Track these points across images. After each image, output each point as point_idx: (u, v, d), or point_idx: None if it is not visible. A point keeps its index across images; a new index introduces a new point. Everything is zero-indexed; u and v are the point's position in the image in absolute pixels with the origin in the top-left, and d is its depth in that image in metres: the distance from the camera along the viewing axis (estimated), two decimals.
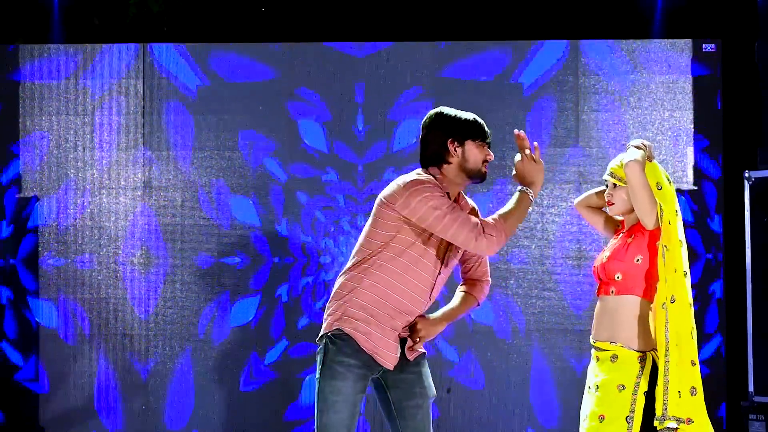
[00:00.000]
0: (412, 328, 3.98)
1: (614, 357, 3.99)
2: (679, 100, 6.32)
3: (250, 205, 6.27)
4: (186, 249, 6.27)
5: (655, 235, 3.97)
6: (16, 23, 6.25)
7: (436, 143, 4.00)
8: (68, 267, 6.23)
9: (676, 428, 3.90)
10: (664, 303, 3.92)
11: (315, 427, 3.94)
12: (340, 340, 3.93)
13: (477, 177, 4.02)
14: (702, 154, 6.32)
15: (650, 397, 3.96)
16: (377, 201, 3.91)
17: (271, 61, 6.28)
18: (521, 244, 6.27)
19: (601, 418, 3.95)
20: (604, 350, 4.01)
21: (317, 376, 3.95)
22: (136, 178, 6.27)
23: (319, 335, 3.97)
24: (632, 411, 3.94)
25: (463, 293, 4.20)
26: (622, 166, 4.04)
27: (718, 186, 6.32)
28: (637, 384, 3.96)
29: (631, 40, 6.32)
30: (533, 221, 6.26)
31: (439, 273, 3.99)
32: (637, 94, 6.32)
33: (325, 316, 4.00)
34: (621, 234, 4.13)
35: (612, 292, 4.02)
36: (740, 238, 5.88)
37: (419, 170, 3.98)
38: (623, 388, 3.94)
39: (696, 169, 6.32)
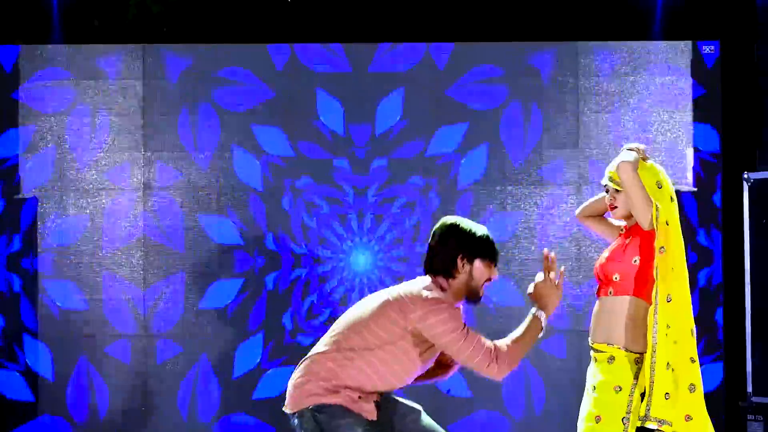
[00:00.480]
0: None
1: (611, 359, 3.98)
2: (678, 102, 6.31)
3: (248, 206, 6.27)
4: (187, 250, 6.25)
5: (652, 235, 3.95)
6: (16, 24, 6.20)
7: (447, 256, 3.92)
8: (67, 269, 6.22)
9: (657, 429, 3.90)
10: (657, 303, 3.90)
11: None
12: (328, 408, 3.83)
13: (474, 297, 3.96)
14: (701, 155, 6.31)
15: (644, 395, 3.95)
16: (385, 299, 3.84)
17: (270, 66, 6.27)
18: (521, 245, 6.27)
19: (598, 419, 3.94)
20: (602, 351, 4.00)
21: None
22: (135, 180, 6.25)
23: (294, 410, 3.85)
24: (628, 412, 3.94)
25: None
26: (614, 172, 4.02)
27: (717, 187, 6.31)
28: (634, 385, 3.95)
29: (631, 42, 6.31)
30: (534, 222, 6.26)
31: (426, 365, 3.98)
32: (636, 96, 6.31)
33: (297, 390, 3.87)
34: (620, 235, 4.12)
35: (610, 293, 4.01)
36: (739, 239, 5.88)
37: (428, 281, 3.90)
38: (620, 390, 3.93)
39: (695, 170, 6.31)
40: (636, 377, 3.95)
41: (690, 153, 6.30)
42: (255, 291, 6.26)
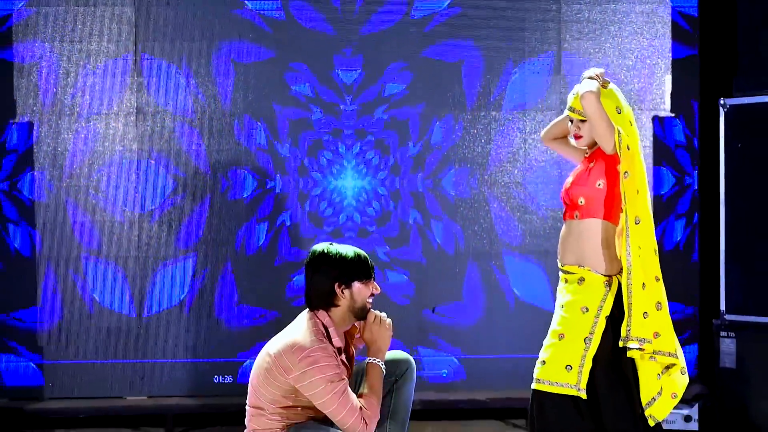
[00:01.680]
0: None
1: (581, 280, 4.00)
2: (657, 30, 6.29)
3: (240, 130, 6.23)
4: (178, 172, 6.22)
5: (615, 159, 3.96)
6: None
7: (324, 287, 3.87)
8: (63, 191, 6.19)
9: (641, 348, 3.93)
10: (628, 225, 3.91)
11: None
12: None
13: (362, 316, 3.93)
14: (679, 81, 6.30)
15: (611, 320, 3.97)
16: (267, 360, 3.81)
17: None
18: (504, 169, 6.28)
19: (561, 337, 3.97)
20: (572, 273, 4.02)
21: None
22: (128, 104, 6.20)
23: None
24: (591, 333, 3.96)
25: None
26: (576, 100, 4.05)
27: (694, 113, 6.32)
28: (601, 307, 3.97)
29: None
30: (516, 147, 6.26)
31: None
32: (617, 24, 6.28)
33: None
34: (584, 160, 4.13)
35: (576, 216, 4.02)
36: (715, 162, 5.89)
37: (307, 323, 3.85)
38: (586, 311, 3.96)
39: (673, 96, 6.31)
40: (604, 300, 3.96)
41: (668, 80, 6.29)
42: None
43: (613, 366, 4.01)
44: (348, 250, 3.90)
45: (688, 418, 5.95)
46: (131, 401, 6.22)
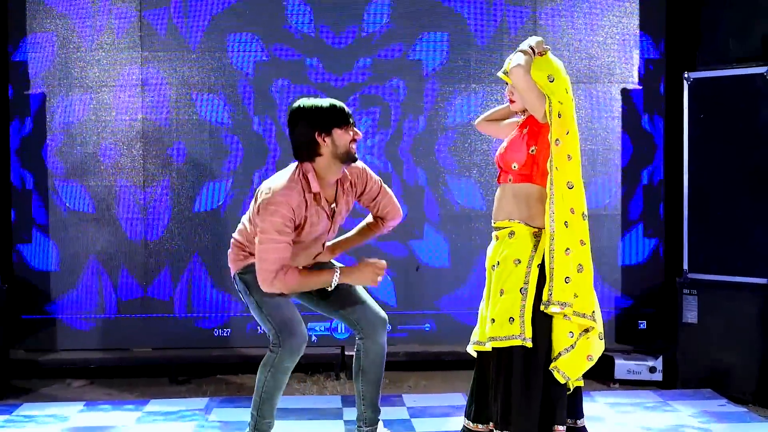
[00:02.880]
0: None
1: (511, 233, 3.98)
2: (626, 7, 6.37)
3: (238, 102, 6.31)
4: (180, 141, 6.30)
5: (548, 126, 3.92)
6: None
7: (305, 137, 4.05)
8: (75, 158, 6.28)
9: (561, 312, 3.89)
10: (553, 192, 3.86)
11: (271, 328, 4.16)
12: (247, 268, 4.20)
13: (348, 159, 4.10)
14: (647, 55, 6.37)
15: (542, 267, 3.92)
16: (256, 195, 4.12)
17: None
18: (483, 138, 6.33)
19: (501, 292, 3.93)
20: (503, 228, 4.00)
21: (251, 298, 4.21)
22: (134, 77, 6.29)
23: (233, 275, 4.29)
24: (526, 283, 3.90)
25: (365, 224, 4.49)
26: (506, 75, 4.02)
27: (661, 85, 6.39)
28: (532, 257, 3.93)
29: None
30: None
31: (329, 231, 4.25)
32: (588, 2, 6.36)
33: (229, 261, 4.30)
34: (519, 126, 4.10)
35: (510, 180, 4.00)
36: (680, 131, 5.98)
37: (291, 171, 4.11)
38: (519, 262, 3.92)
39: (641, 70, 6.38)
40: (534, 249, 3.92)
41: (636, 54, 6.36)
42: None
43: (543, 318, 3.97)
44: (323, 101, 4.06)
45: (652, 369, 6.05)
46: (137, 353, 6.35)
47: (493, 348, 3.97)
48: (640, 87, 6.39)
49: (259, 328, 6.28)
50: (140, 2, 6.25)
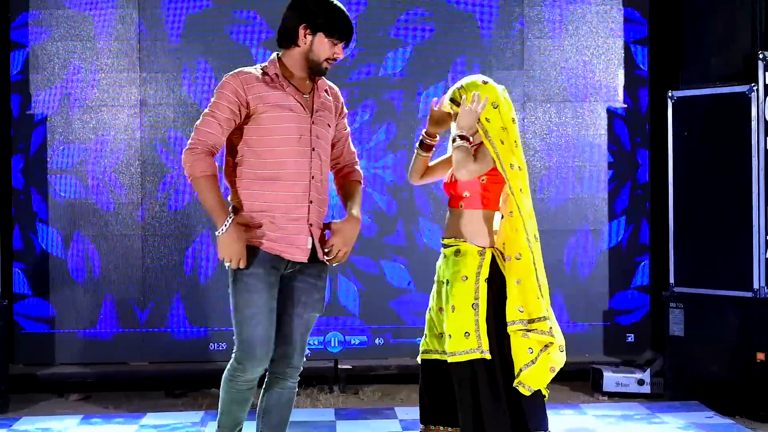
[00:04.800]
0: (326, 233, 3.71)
1: (457, 251, 3.95)
2: (612, 28, 6.33)
3: None
4: (179, 159, 6.19)
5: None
6: None
7: (291, 24, 3.62)
8: (74, 176, 6.20)
9: (518, 329, 3.87)
10: (521, 212, 3.87)
11: (235, 338, 3.62)
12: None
13: (316, 70, 3.67)
14: (631, 75, 6.33)
15: (490, 282, 3.91)
16: None
17: None
18: None
19: (453, 308, 3.90)
20: (450, 246, 3.98)
21: (230, 290, 3.64)
22: (133, 97, 6.23)
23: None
24: (476, 298, 3.88)
25: (348, 183, 3.89)
26: (463, 89, 3.95)
27: (645, 103, 6.35)
28: (478, 273, 3.91)
29: None
30: None
31: (311, 160, 3.62)
32: (575, 23, 6.32)
33: None
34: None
35: (461, 206, 3.98)
36: (664, 149, 5.93)
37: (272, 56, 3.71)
38: (466, 279, 3.90)
39: (626, 88, 6.35)
40: (480, 266, 3.91)
41: (621, 73, 6.33)
42: None
43: (499, 329, 3.94)
44: (336, 4, 3.61)
45: (641, 382, 5.97)
46: (134, 366, 6.24)
47: (454, 363, 3.91)
48: (626, 105, 6.36)
49: None
50: (139, 25, 6.18)
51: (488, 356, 3.86)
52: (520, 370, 3.87)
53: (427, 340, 4.09)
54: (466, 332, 3.87)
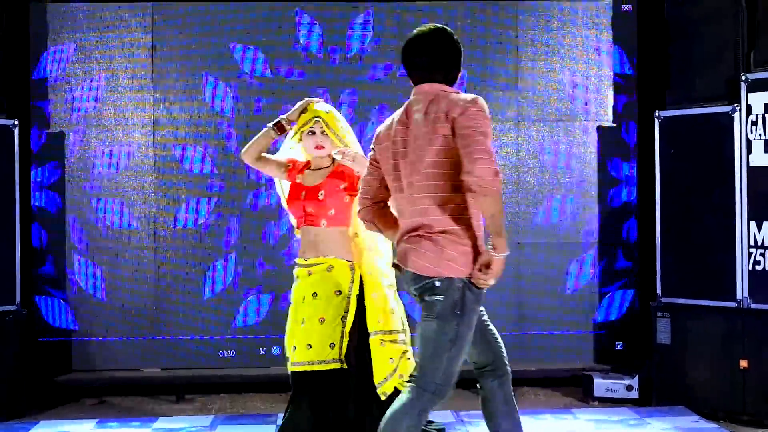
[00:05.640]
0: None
1: (330, 267, 4.03)
2: (601, 51, 6.38)
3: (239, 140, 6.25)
4: (191, 176, 6.29)
5: (356, 178, 4.02)
6: None
7: (453, 62, 3.54)
8: (92, 190, 6.25)
9: (378, 338, 3.99)
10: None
11: (437, 371, 3.28)
12: (477, 288, 3.30)
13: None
14: (620, 96, 6.37)
15: (359, 297, 4.02)
16: None
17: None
18: None
19: (322, 320, 3.96)
20: (320, 264, 4.03)
21: (452, 324, 3.27)
22: (146, 116, 6.29)
23: (445, 276, 3.27)
24: (346, 311, 3.98)
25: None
26: (329, 115, 4.07)
27: (633, 123, 6.38)
28: (351, 288, 4.01)
29: (561, 1, 6.36)
30: None
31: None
32: (566, 47, 6.37)
33: (446, 262, 3.29)
34: (329, 175, 4.11)
35: (323, 224, 4.04)
36: (651, 166, 5.96)
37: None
38: (339, 293, 3.98)
39: (615, 108, 6.38)
40: (352, 281, 4.02)
41: (610, 95, 6.37)
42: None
43: (362, 344, 4.05)
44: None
45: (629, 388, 5.99)
46: (147, 373, 6.28)
47: (317, 371, 3.97)
48: (615, 125, 6.39)
49: (262, 348, 6.20)
50: (152, 47, 6.25)
51: (345, 365, 3.97)
52: (385, 379, 3.97)
53: (300, 354, 4.03)
54: (332, 343, 3.97)
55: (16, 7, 6.10)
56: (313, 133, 4.09)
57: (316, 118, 4.09)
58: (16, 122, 5.76)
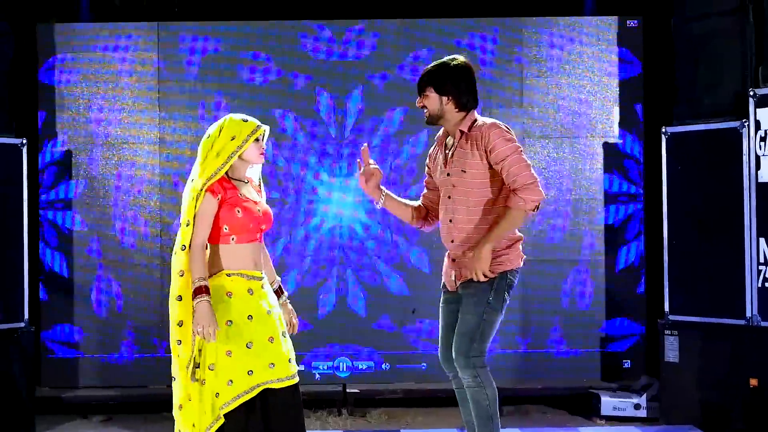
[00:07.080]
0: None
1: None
2: (606, 68, 6.23)
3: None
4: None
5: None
6: (52, 6, 6.24)
7: (470, 91, 4.25)
8: (99, 208, 6.18)
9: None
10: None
11: (478, 335, 3.81)
12: (513, 279, 3.91)
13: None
14: (626, 112, 6.22)
15: None
16: None
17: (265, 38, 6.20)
18: None
19: (284, 334, 3.76)
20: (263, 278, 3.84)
21: (491, 304, 3.85)
22: (152, 135, 6.20)
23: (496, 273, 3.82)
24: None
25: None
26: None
27: (640, 139, 6.23)
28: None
29: (567, 17, 6.23)
30: None
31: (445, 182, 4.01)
32: (571, 63, 6.23)
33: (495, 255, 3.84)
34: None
35: (259, 237, 3.84)
36: (658, 182, 5.82)
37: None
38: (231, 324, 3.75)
39: (621, 125, 6.24)
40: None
41: (616, 111, 6.23)
42: None
43: None
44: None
45: (637, 406, 5.86)
46: (153, 389, 6.16)
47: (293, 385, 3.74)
48: (621, 141, 6.24)
49: None
50: (158, 66, 6.16)
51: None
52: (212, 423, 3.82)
53: (283, 368, 3.73)
54: (295, 357, 3.80)
55: (23, 28, 6.05)
56: (258, 140, 3.81)
57: (254, 130, 3.80)
58: (25, 141, 5.68)
